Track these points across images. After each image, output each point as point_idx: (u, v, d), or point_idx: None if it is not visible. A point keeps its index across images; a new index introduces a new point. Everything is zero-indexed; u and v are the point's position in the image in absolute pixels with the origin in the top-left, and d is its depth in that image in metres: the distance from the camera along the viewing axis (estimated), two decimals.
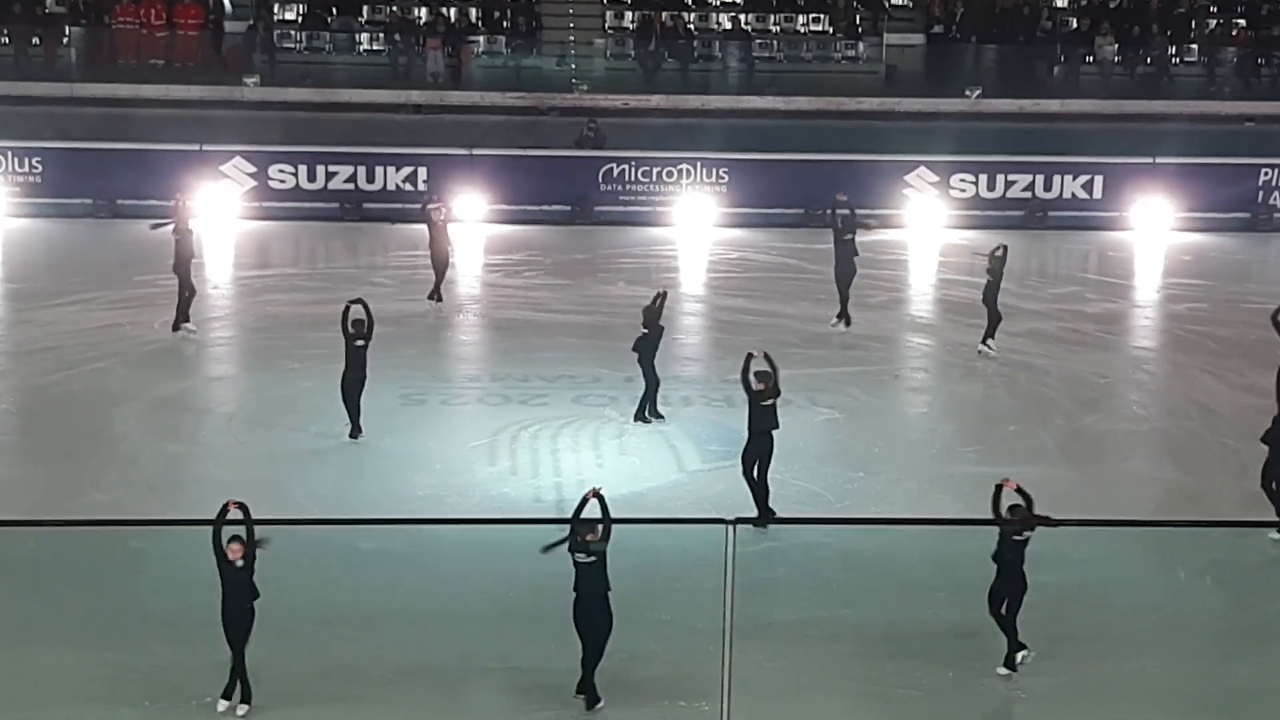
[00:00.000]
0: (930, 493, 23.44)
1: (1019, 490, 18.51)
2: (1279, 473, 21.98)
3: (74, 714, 17.31)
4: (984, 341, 29.17)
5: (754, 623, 18.48)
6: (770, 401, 21.85)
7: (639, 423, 25.61)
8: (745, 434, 22.10)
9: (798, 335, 30.40)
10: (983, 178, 39.65)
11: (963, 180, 39.52)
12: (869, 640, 19.10)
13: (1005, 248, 29.56)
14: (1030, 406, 27.01)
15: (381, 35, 46.64)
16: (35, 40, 44.50)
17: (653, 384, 25.93)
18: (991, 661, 18.57)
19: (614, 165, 39.39)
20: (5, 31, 44.47)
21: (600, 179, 39.29)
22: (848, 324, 30.34)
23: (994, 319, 29.11)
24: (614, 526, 17.43)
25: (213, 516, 17.32)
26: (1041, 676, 18.36)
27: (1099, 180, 39.61)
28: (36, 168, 38.33)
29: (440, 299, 31.21)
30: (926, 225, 38.54)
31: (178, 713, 17.28)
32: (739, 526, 15.38)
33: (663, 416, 25.83)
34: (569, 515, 17.97)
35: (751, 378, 21.95)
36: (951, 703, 17.98)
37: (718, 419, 26.09)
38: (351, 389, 24.42)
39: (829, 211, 30.85)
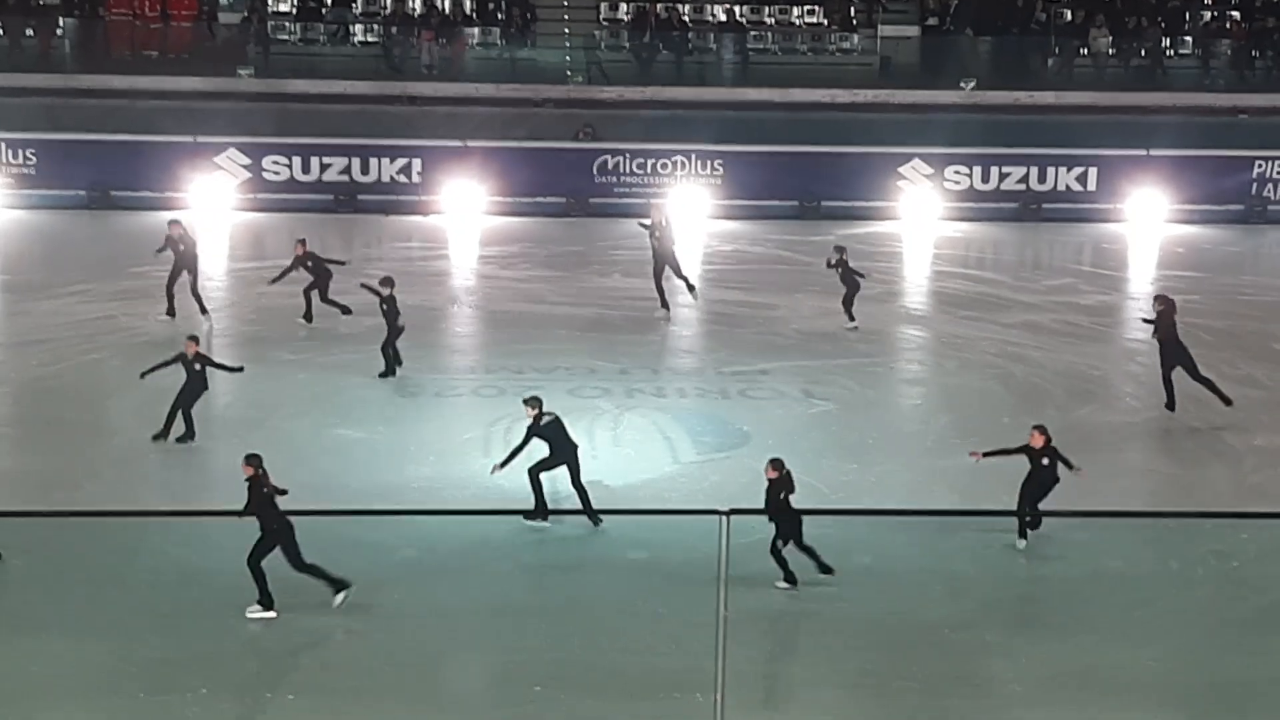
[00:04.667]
0: (925, 484, 23.47)
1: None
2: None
3: (69, 705, 17.31)
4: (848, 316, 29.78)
5: (748, 614, 18.49)
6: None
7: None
8: (741, 427, 22.11)
9: (792, 327, 30.43)
10: (977, 170, 39.67)
11: (957, 172, 39.55)
12: (863, 632, 19.13)
13: (844, 248, 30.07)
14: (1024, 398, 27.04)
15: (376, 27, 46.60)
16: (29, 31, 44.46)
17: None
18: (986, 653, 18.61)
19: (608, 157, 39.41)
20: None
21: (595, 171, 39.29)
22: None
23: (853, 292, 29.71)
24: (610, 518, 17.46)
25: (209, 508, 17.36)
26: (1037, 667, 18.40)
27: (1093, 172, 39.64)
28: (30, 159, 38.32)
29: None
30: (921, 217, 38.56)
31: (173, 704, 17.27)
32: (734, 517, 15.41)
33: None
34: (563, 507, 18.01)
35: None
36: (947, 694, 17.99)
37: (712, 411, 26.13)
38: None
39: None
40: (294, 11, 46.38)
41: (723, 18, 47.31)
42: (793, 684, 17.97)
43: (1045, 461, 20.84)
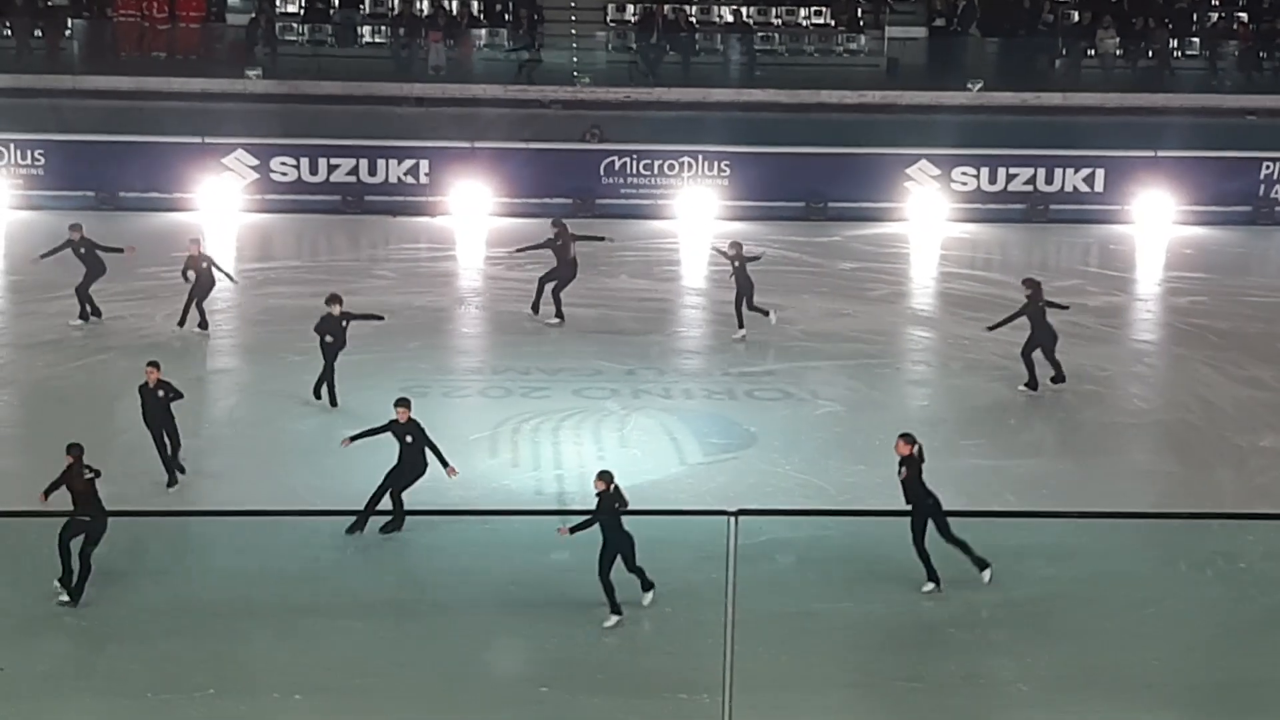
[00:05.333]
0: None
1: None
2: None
3: (76, 704, 17.35)
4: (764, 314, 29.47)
5: (756, 615, 18.48)
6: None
7: None
8: (748, 428, 22.09)
9: (799, 328, 30.42)
10: (984, 171, 39.64)
11: (964, 173, 39.53)
12: (870, 632, 19.15)
13: (740, 244, 29.85)
14: (1030, 400, 27.03)
15: (383, 28, 46.68)
16: (37, 32, 44.59)
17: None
18: (993, 653, 18.62)
19: (615, 158, 39.41)
20: (7, 24, 44.55)
21: (602, 172, 39.31)
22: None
23: (744, 293, 29.35)
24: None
25: (215, 509, 17.39)
26: (1043, 669, 18.40)
27: (1100, 173, 39.60)
28: (39, 160, 38.35)
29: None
30: (928, 218, 38.55)
31: (178, 704, 17.30)
32: (741, 518, 15.41)
33: None
34: (570, 507, 18.00)
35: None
36: (953, 695, 18.01)
37: (719, 412, 26.14)
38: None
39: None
40: (301, 13, 46.47)
41: (730, 19, 47.37)
42: (799, 684, 17.97)
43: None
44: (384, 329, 28.84)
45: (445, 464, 21.03)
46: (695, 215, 38.19)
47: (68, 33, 45.01)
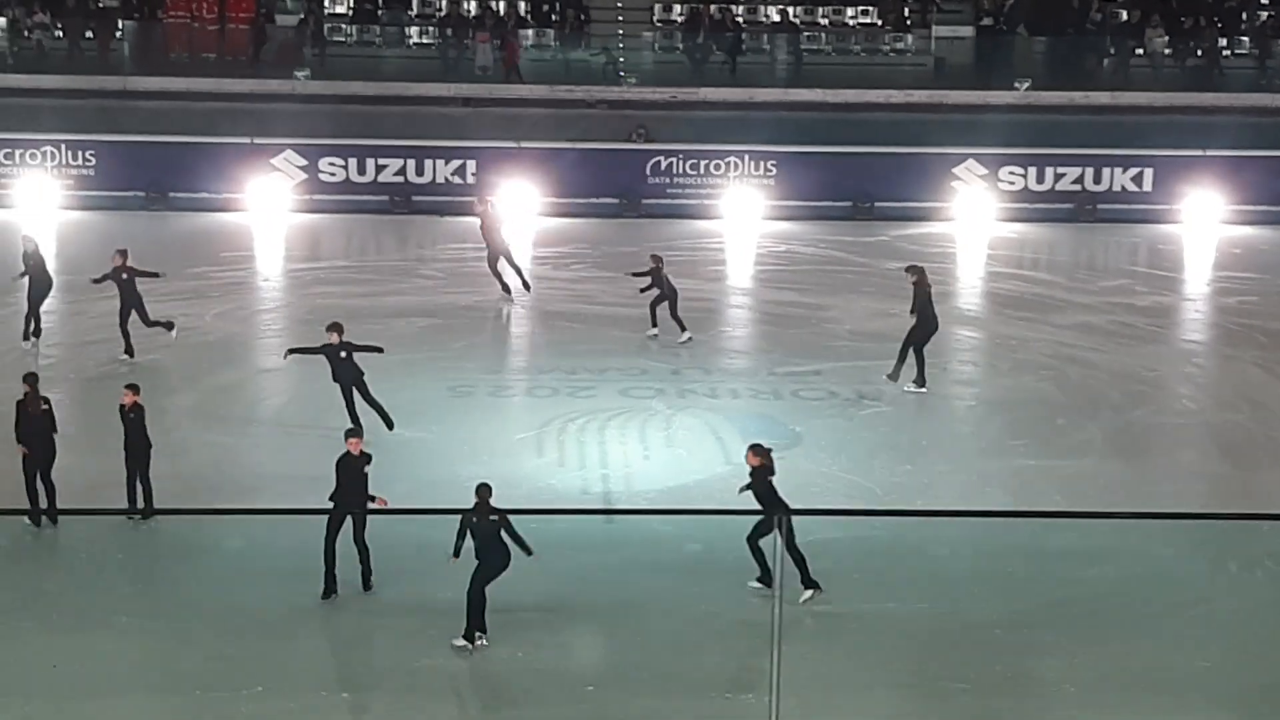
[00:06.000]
0: (978, 486, 23.42)
1: None
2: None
3: (126, 702, 17.46)
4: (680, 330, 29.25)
5: (802, 615, 18.56)
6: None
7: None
8: (794, 428, 22.08)
9: (845, 328, 30.40)
10: (1032, 170, 39.50)
11: (1012, 173, 39.39)
12: (916, 633, 19.11)
13: (660, 257, 29.67)
14: (1079, 400, 26.95)
15: (431, 29, 46.82)
16: (88, 34, 44.87)
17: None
18: (1039, 654, 18.57)
19: (661, 158, 39.43)
20: (59, 25, 44.87)
21: (648, 171, 39.33)
22: None
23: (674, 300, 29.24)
24: (662, 518, 17.46)
25: (262, 506, 17.48)
26: (1090, 670, 18.34)
27: (1149, 173, 39.41)
28: (90, 160, 38.62)
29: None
30: (975, 218, 38.44)
31: (227, 702, 17.41)
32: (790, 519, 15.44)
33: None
34: (616, 506, 18.04)
35: None
36: (999, 695, 17.97)
37: (765, 411, 26.14)
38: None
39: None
40: (350, 14, 46.65)
41: (776, 18, 47.35)
42: (844, 684, 17.95)
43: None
44: (431, 329, 29.02)
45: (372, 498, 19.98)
46: (741, 215, 38.19)
47: (118, 34, 45.31)
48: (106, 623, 18.92)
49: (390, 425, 24.35)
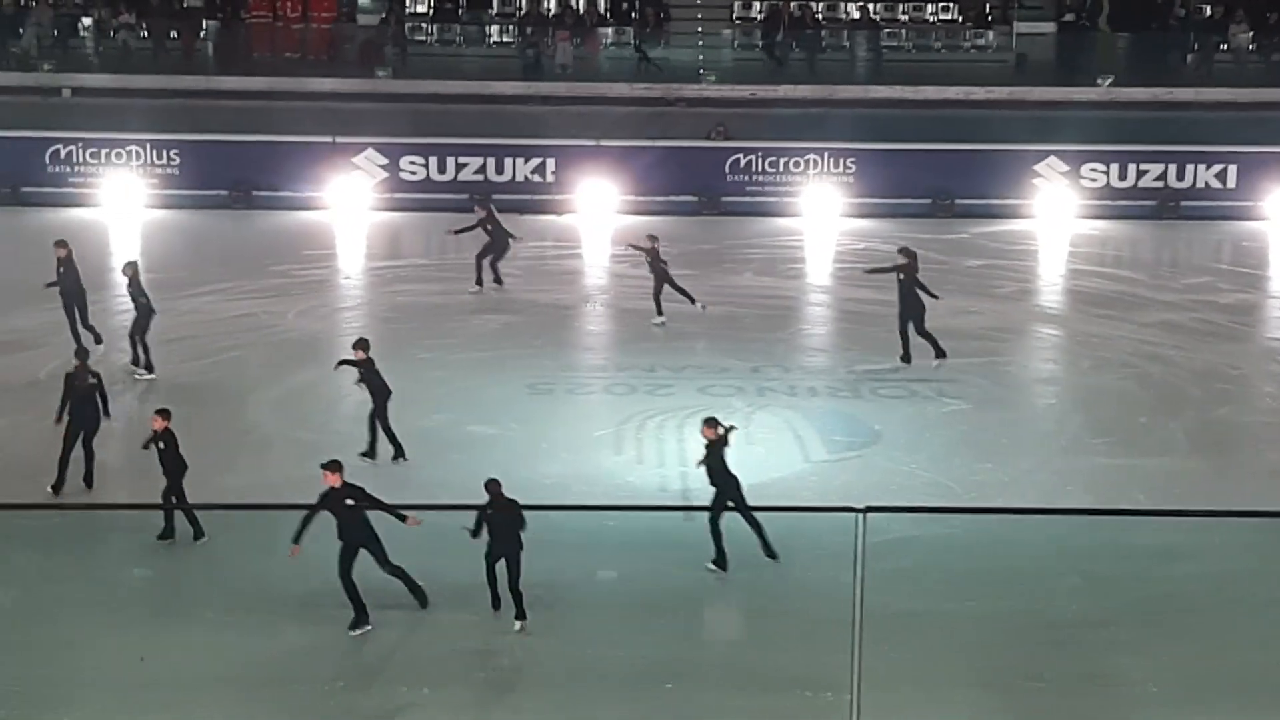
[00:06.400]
0: (1059, 484, 23.29)
1: None
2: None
3: (209, 695, 17.63)
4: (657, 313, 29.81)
5: (880, 613, 18.44)
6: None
7: None
8: (873, 426, 22.01)
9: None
10: (1114, 167, 39.22)
11: (1093, 170, 39.13)
12: (996, 632, 19.02)
13: (656, 237, 29.95)
14: (1161, 398, 26.75)
15: (511, 27, 46.98)
16: (173, 34, 45.30)
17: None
18: (1120, 653, 18.45)
19: (741, 155, 39.42)
20: (144, 25, 45.33)
21: (727, 169, 39.33)
22: None
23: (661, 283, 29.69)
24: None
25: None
26: (1172, 668, 18.21)
27: (1233, 170, 39.05)
28: (174, 160, 39.01)
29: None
30: (1056, 215, 38.22)
31: (309, 695, 17.54)
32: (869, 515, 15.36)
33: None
34: (693, 504, 18.05)
35: None
36: (1080, 694, 17.87)
37: (844, 409, 26.09)
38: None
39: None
40: (431, 13, 46.89)
41: (856, 15, 47.22)
42: (923, 682, 17.89)
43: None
44: (510, 326, 29.16)
45: (402, 517, 18.79)
46: (820, 213, 38.12)
47: (202, 34, 45.72)
48: (191, 616, 19.10)
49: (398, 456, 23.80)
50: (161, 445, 20.68)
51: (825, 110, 42.43)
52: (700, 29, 46.65)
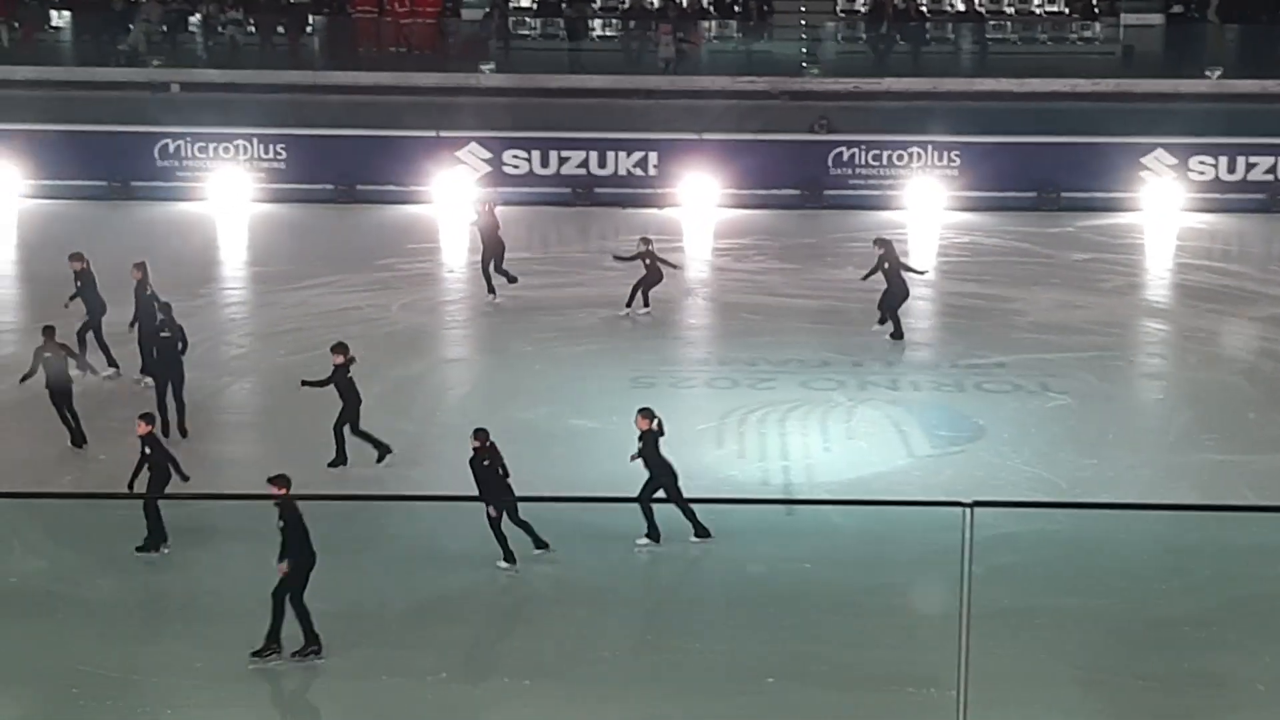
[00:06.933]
0: (1165, 481, 23.06)
1: None
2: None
3: (312, 684, 17.79)
4: (642, 306, 29.78)
5: (983, 610, 18.31)
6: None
7: None
8: (977, 421, 21.85)
9: (1029, 320, 30.07)
10: (1223, 160, 38.73)
11: (1202, 163, 38.67)
12: (1100, 629, 18.87)
13: (650, 239, 29.98)
14: (1271, 393, 26.39)
15: (614, 21, 47.01)
16: (280, 29, 45.69)
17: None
18: (1227, 652, 18.23)
19: (844, 149, 39.28)
20: (251, 21, 45.75)
21: (830, 163, 39.20)
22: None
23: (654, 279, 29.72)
24: (841, 509, 17.39)
25: (449, 493, 17.64)
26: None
27: None
28: (280, 154, 39.40)
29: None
30: (1163, 209, 37.80)
31: (411, 688, 17.62)
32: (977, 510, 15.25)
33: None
34: (797, 497, 18.06)
35: None
36: (1185, 694, 17.69)
37: (947, 404, 25.95)
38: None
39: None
40: (535, 7, 46.99)
41: (961, 7, 46.84)
42: (1026, 679, 17.76)
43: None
44: (612, 320, 29.24)
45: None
46: (924, 206, 37.92)
47: (309, 29, 46.08)
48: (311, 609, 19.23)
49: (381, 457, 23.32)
50: (147, 450, 20.25)
51: (929, 103, 42.15)
52: (804, 21, 46.46)
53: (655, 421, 20.84)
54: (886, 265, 28.62)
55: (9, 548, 20.40)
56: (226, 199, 38.27)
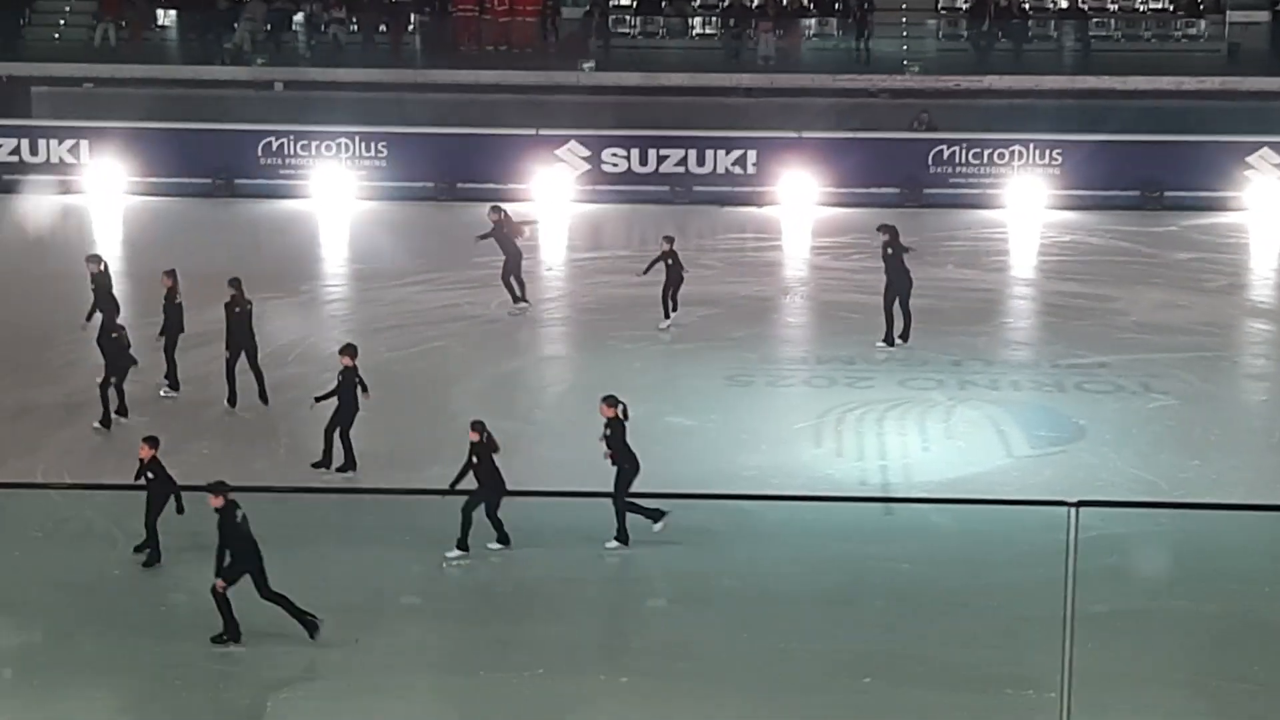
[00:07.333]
0: (1269, 483, 22.78)
1: None
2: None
3: (417, 679, 17.89)
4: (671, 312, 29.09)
5: (1084, 611, 18.17)
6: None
7: None
8: (1078, 421, 21.64)
9: (1132, 319, 29.80)
10: None
11: None
12: (1204, 631, 18.67)
13: (672, 238, 29.29)
14: None
15: (714, 19, 46.98)
16: (382, 28, 46.03)
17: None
18: None
19: (944, 147, 39.09)
20: (354, 20, 46.12)
21: (930, 161, 39.02)
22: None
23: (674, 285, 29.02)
24: (940, 508, 17.30)
25: (546, 488, 17.71)
26: None
27: None
28: (382, 152, 39.70)
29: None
30: (1269, 208, 37.32)
31: (509, 683, 17.68)
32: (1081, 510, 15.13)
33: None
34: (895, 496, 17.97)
35: None
36: None
37: (1047, 404, 25.76)
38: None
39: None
40: (635, 5, 47.05)
41: (1064, 4, 46.43)
42: (1128, 682, 17.59)
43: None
44: (710, 318, 29.25)
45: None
46: (1025, 205, 37.66)
47: (410, 28, 46.38)
48: (394, 604, 19.38)
49: (331, 469, 22.78)
50: (150, 475, 19.62)
51: (1031, 101, 41.84)
52: (905, 19, 46.24)
53: (620, 408, 20.50)
54: (889, 251, 27.99)
55: (112, 539, 20.67)
56: (328, 196, 38.60)
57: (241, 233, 35.73)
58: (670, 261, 29.07)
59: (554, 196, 38.30)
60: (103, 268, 26.83)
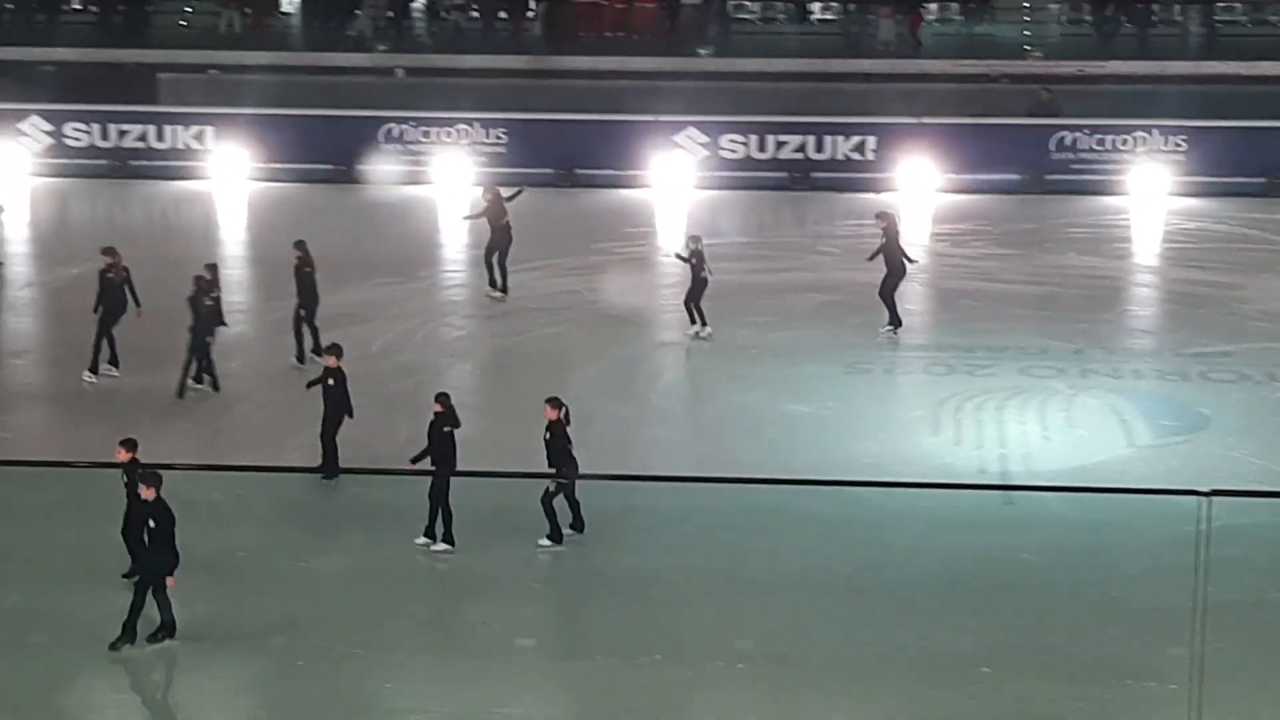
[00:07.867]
0: None
1: None
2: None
3: (526, 661, 18.01)
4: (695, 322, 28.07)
5: (1211, 601, 17.98)
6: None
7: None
8: (1201, 410, 21.34)
9: (1258, 308, 29.37)
10: None
11: None
12: None
13: (699, 237, 28.49)
14: None
15: (834, 4, 46.83)
16: (502, 14, 46.29)
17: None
18: None
19: (1066, 133, 38.69)
20: (474, 6, 46.42)
21: (1052, 147, 38.63)
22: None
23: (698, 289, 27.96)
24: (1058, 497, 17.10)
25: (664, 474, 17.73)
26: None
27: None
28: (502, 138, 39.87)
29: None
30: None
31: (626, 668, 17.74)
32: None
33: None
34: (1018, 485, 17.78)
35: None
36: None
37: (1170, 393, 25.46)
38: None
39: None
40: None
41: None
42: (1256, 674, 17.37)
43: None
44: (827, 305, 29.14)
45: None
46: (1149, 192, 37.20)
47: (530, 14, 46.59)
48: (519, 588, 19.47)
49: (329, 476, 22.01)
50: (125, 480, 18.58)
51: (1155, 86, 41.31)
52: (1026, 4, 45.82)
53: (563, 411, 20.18)
54: (885, 239, 27.83)
55: (239, 520, 20.96)
56: (448, 182, 38.84)
57: (361, 219, 36.00)
58: (695, 262, 28.13)
59: (672, 183, 38.29)
60: (117, 259, 25.58)
